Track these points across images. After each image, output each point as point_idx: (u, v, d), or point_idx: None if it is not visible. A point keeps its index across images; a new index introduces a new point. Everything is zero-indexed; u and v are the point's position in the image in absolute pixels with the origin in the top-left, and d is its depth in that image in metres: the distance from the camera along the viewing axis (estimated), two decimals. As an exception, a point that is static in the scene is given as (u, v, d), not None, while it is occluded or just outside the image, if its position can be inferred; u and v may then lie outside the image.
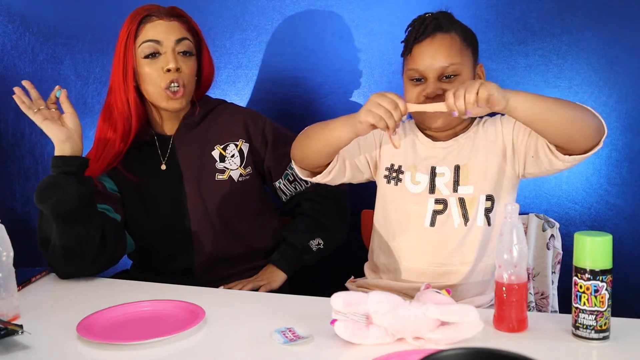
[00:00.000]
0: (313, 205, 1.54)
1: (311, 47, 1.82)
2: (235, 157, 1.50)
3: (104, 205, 1.42)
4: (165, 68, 1.38)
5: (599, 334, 0.94)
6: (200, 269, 1.47)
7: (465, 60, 1.25)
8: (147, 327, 1.07)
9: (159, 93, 1.40)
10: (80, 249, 1.32)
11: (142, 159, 1.48)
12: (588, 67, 1.60)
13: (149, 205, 1.47)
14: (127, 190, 1.48)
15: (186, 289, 1.28)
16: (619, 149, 1.60)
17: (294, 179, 1.55)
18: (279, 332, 1.00)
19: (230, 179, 1.49)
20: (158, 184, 1.48)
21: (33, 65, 2.05)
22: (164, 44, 1.39)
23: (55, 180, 1.28)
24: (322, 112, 1.82)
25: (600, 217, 1.63)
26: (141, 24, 1.39)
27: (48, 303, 1.25)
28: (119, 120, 1.42)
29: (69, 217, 1.28)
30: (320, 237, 1.52)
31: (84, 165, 1.32)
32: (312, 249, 1.51)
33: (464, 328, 0.94)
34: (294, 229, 1.54)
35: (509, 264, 0.99)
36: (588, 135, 1.12)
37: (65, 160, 1.30)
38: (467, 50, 1.26)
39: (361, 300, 0.95)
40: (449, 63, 1.23)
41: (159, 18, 1.40)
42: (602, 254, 0.94)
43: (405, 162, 1.31)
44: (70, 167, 1.30)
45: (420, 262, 1.29)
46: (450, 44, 1.24)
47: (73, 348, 1.00)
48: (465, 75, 1.25)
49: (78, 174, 1.30)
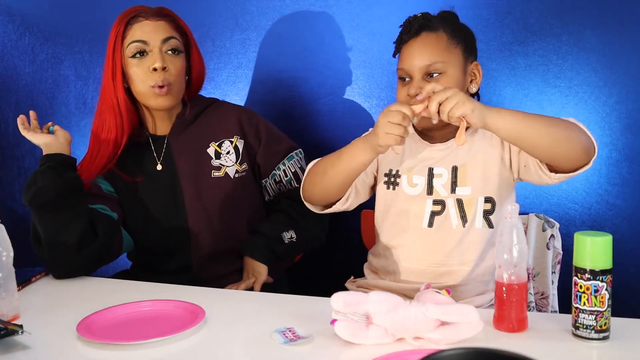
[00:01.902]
0: (292, 204, 1.53)
1: (311, 47, 1.82)
2: (230, 153, 1.50)
3: (100, 205, 1.43)
4: (151, 67, 1.39)
5: (599, 334, 0.94)
6: (198, 267, 1.48)
7: (452, 58, 1.24)
8: (147, 327, 1.06)
9: (146, 92, 1.41)
10: (60, 239, 1.32)
11: (137, 160, 1.49)
12: (588, 67, 1.60)
13: (146, 206, 1.48)
14: (123, 192, 1.48)
15: (186, 289, 1.28)
16: (619, 149, 1.60)
17: (280, 179, 1.55)
18: (279, 332, 1.00)
19: (227, 176, 1.49)
20: (154, 184, 1.48)
21: (33, 65, 2.06)
22: (151, 43, 1.40)
23: (34, 175, 1.33)
24: (322, 112, 1.82)
25: (600, 217, 1.63)
26: (128, 25, 1.41)
27: (48, 303, 1.25)
28: (111, 123, 1.42)
29: (46, 208, 1.31)
30: (294, 231, 1.51)
31: (66, 161, 1.36)
32: (284, 241, 1.49)
33: (464, 328, 0.94)
34: (267, 220, 1.54)
35: (509, 264, 0.98)
36: (574, 156, 1.12)
37: (48, 157, 1.35)
38: (455, 49, 1.25)
39: (361, 300, 0.95)
40: (432, 61, 1.22)
41: (146, 18, 1.41)
42: (602, 254, 0.94)
43: (401, 166, 1.32)
44: (51, 162, 1.34)
45: (419, 263, 1.28)
46: (435, 42, 1.24)
47: (73, 348, 1.00)
48: (451, 74, 1.24)
49: (58, 168, 1.33)
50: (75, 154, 1.42)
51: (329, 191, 1.29)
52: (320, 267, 1.59)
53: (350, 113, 1.81)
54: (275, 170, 1.55)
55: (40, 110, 2.02)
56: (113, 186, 1.49)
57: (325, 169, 1.27)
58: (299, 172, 1.56)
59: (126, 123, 1.43)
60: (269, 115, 1.64)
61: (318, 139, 1.84)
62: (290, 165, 1.56)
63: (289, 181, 1.56)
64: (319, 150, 1.80)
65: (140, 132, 1.49)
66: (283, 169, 1.55)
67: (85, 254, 1.36)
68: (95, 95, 2.01)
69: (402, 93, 1.27)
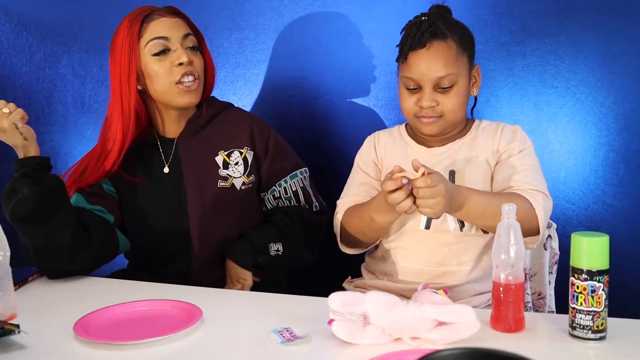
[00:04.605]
0: (284, 219, 1.49)
1: (310, 47, 1.81)
2: (239, 164, 1.47)
3: (98, 207, 1.41)
4: (177, 62, 1.36)
5: (596, 334, 0.94)
6: (196, 273, 1.46)
7: (462, 68, 1.24)
8: (144, 326, 1.06)
9: (170, 89, 1.38)
10: (50, 247, 1.29)
11: (144, 161, 1.47)
12: (585, 68, 1.60)
13: (148, 207, 1.46)
14: (126, 193, 1.46)
15: (183, 289, 1.28)
16: (616, 150, 1.60)
17: (280, 196, 1.53)
18: (276, 332, 1.00)
19: (233, 187, 1.47)
20: (160, 187, 1.46)
21: (30, 64, 2.04)
22: (173, 40, 1.37)
23: (11, 184, 1.28)
24: (320, 112, 1.82)
25: (597, 217, 1.63)
26: (144, 23, 1.37)
27: (45, 303, 1.24)
28: (119, 127, 1.39)
29: (28, 220, 1.27)
30: (282, 244, 1.46)
31: (41, 165, 1.29)
32: (270, 252, 1.45)
33: (461, 328, 0.94)
34: (256, 228, 1.50)
35: (506, 264, 0.98)
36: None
37: (22, 162, 1.29)
38: (463, 57, 1.25)
39: (359, 300, 0.95)
40: (445, 73, 1.22)
41: (162, 16, 1.39)
42: (599, 255, 0.94)
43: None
44: (26, 168, 1.28)
45: (417, 263, 1.28)
46: (447, 53, 1.22)
47: (70, 348, 1.00)
48: (461, 84, 1.24)
49: (34, 175, 1.27)
50: (72, 155, 1.41)
51: (372, 242, 1.34)
52: (317, 267, 1.58)
53: (348, 113, 1.80)
54: (275, 186, 1.52)
55: (37, 109, 2.01)
56: (114, 185, 1.46)
57: (363, 231, 1.28)
58: (299, 191, 1.53)
59: (132, 126, 1.39)
60: (266, 115, 1.64)
61: (316, 138, 1.83)
62: (293, 184, 1.53)
63: (288, 199, 1.53)
64: (317, 150, 1.80)
65: (148, 133, 1.46)
66: (284, 186, 1.53)
67: (79, 260, 1.34)
68: (93, 95, 2.00)
69: (409, 102, 1.26)
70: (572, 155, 1.64)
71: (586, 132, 1.62)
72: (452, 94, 1.23)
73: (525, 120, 1.65)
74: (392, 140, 1.37)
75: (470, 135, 1.31)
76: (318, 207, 1.56)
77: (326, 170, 1.76)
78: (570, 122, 1.63)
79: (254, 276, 1.45)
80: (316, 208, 1.56)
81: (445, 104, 1.24)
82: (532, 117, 1.66)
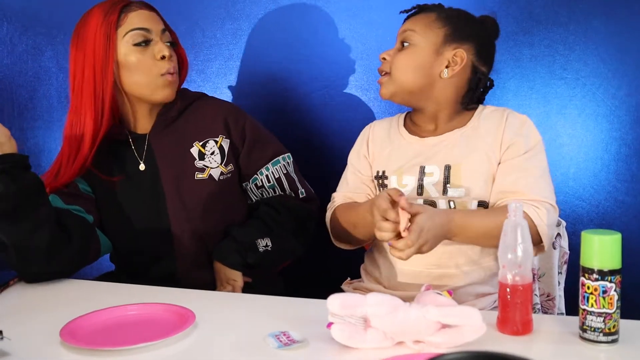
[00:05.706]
0: (269, 211, 1.47)
1: (305, 37, 1.79)
2: (215, 154, 1.45)
3: (75, 207, 1.39)
4: (159, 55, 1.36)
5: (608, 336, 0.92)
6: (183, 274, 1.44)
7: (429, 35, 1.25)
8: (134, 331, 1.04)
9: (152, 82, 1.37)
10: (28, 247, 1.27)
11: (116, 159, 1.45)
12: (596, 58, 1.58)
13: (127, 208, 1.44)
14: (101, 191, 1.44)
15: (175, 292, 1.26)
16: (629, 144, 1.59)
17: (262, 185, 1.51)
18: (273, 336, 0.98)
19: (211, 178, 1.45)
20: (135, 185, 1.44)
21: (12, 56, 2.01)
22: (153, 32, 1.37)
23: None
24: (316, 104, 1.80)
25: (608, 214, 1.62)
26: (122, 13, 1.36)
27: (29, 307, 1.21)
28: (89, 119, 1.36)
29: (4, 217, 1.24)
30: (270, 239, 1.44)
31: (18, 162, 1.26)
32: (258, 249, 1.42)
33: (466, 331, 0.92)
34: (242, 225, 1.47)
35: (513, 264, 0.96)
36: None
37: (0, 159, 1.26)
38: (438, 30, 1.25)
39: (359, 302, 0.93)
40: (407, 28, 1.27)
41: (139, 8, 1.38)
42: (611, 254, 0.92)
43: (391, 167, 1.29)
44: (4, 164, 1.24)
45: (414, 265, 1.24)
46: (422, 17, 1.28)
47: (56, 354, 0.97)
48: (419, 49, 1.25)
49: (10, 172, 1.24)
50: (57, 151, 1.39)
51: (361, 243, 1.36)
52: (315, 269, 1.57)
53: (345, 106, 1.79)
54: (257, 174, 1.50)
55: (20, 104, 1.98)
56: (90, 185, 1.45)
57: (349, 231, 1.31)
58: (283, 178, 1.51)
59: (105, 119, 1.37)
60: (261, 109, 1.62)
61: (312, 133, 1.81)
62: (275, 171, 1.50)
63: (271, 187, 1.51)
64: (312, 145, 1.79)
65: (119, 129, 1.44)
66: (266, 174, 1.50)
67: (58, 261, 1.31)
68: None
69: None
70: (583, 150, 1.63)
71: (597, 125, 1.61)
72: (404, 52, 1.26)
73: (533, 113, 1.63)
74: (388, 130, 1.35)
75: (471, 125, 1.27)
76: (304, 194, 1.53)
77: (323, 164, 1.75)
78: (580, 115, 1.62)
79: (244, 276, 1.42)
80: (302, 194, 1.53)
81: (394, 60, 1.27)
82: (541, 109, 1.64)
